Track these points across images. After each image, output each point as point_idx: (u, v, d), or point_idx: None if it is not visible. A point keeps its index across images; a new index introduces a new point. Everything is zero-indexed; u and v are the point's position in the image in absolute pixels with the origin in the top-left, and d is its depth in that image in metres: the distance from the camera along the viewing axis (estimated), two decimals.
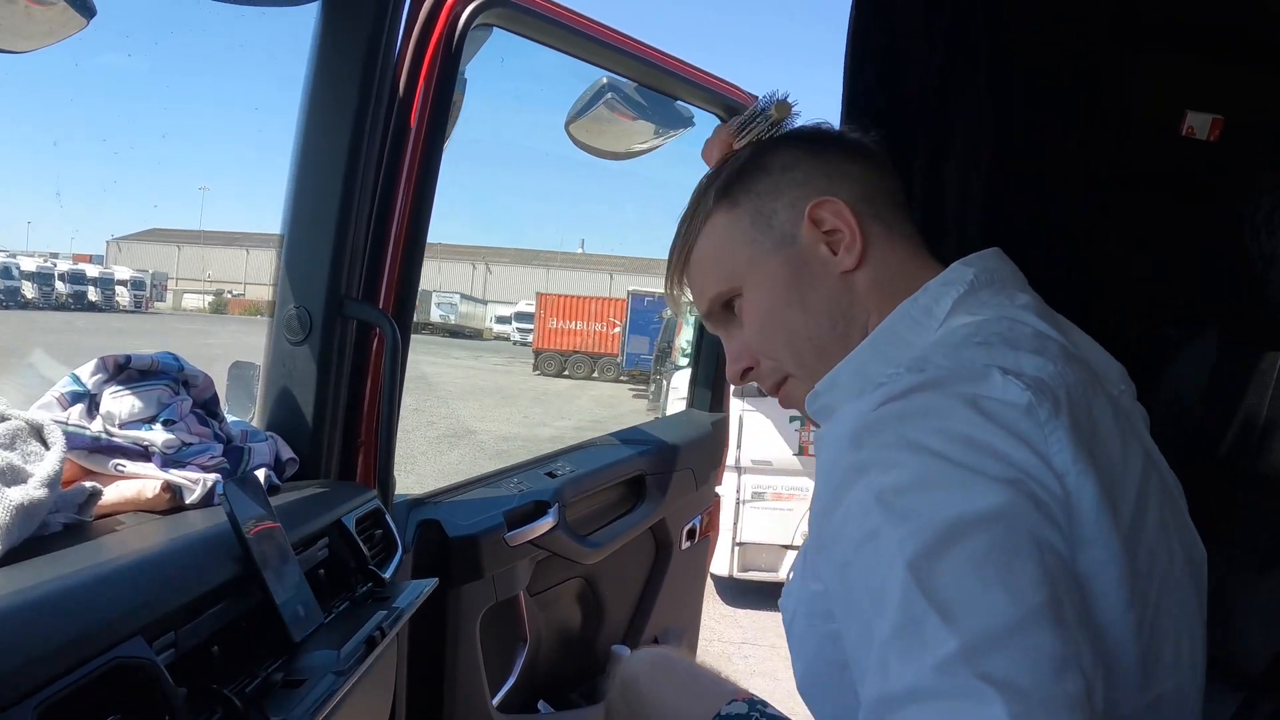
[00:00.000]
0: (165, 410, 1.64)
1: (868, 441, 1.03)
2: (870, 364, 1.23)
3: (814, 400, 1.29)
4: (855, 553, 0.97)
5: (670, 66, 2.78)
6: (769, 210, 1.29)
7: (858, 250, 1.26)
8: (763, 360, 1.34)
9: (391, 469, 2.04)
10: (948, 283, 1.24)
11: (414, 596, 1.64)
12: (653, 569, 3.19)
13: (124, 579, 1.16)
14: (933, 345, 1.18)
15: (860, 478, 0.99)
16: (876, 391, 1.09)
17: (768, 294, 1.30)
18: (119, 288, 59.78)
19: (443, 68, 2.05)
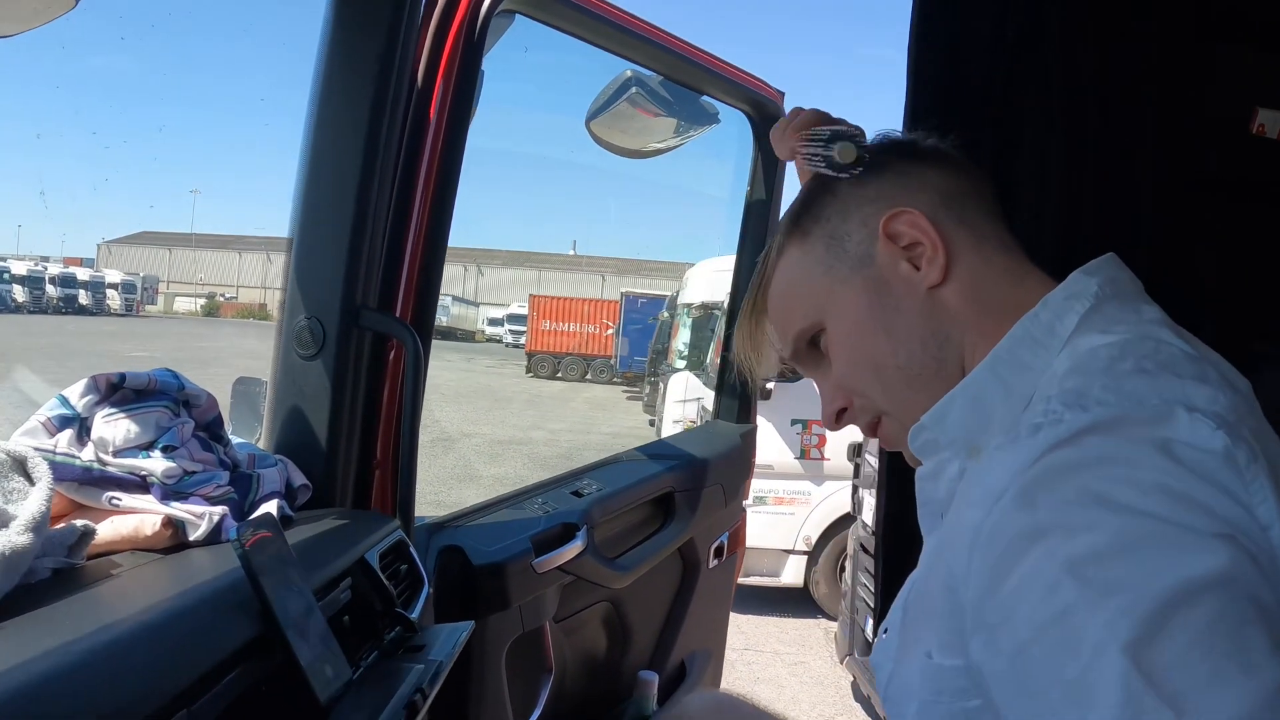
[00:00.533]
0: (165, 435, 1.48)
1: (1042, 499, 0.89)
2: (988, 394, 1.10)
3: (918, 434, 1.15)
4: (1039, 636, 0.83)
5: (697, 59, 2.67)
6: (841, 234, 1.20)
7: (941, 262, 1.15)
8: (855, 398, 1.22)
9: (412, 493, 1.87)
10: (1071, 295, 1.11)
11: (451, 646, 1.47)
12: (679, 589, 3.04)
13: (124, 651, 0.99)
14: (1076, 372, 1.02)
15: (1037, 544, 0.86)
16: (1035, 436, 0.94)
17: (850, 324, 1.19)
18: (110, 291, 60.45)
19: (464, 56, 1.90)
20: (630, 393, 29.76)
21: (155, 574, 1.32)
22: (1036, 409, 0.99)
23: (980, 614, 0.92)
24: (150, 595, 1.19)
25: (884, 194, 1.19)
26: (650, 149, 2.93)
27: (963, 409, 1.11)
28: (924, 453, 1.16)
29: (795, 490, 8.09)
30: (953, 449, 1.13)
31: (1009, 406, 1.08)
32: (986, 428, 1.09)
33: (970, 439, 1.11)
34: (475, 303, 65.08)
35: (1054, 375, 1.05)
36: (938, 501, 1.18)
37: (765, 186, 3.10)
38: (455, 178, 1.92)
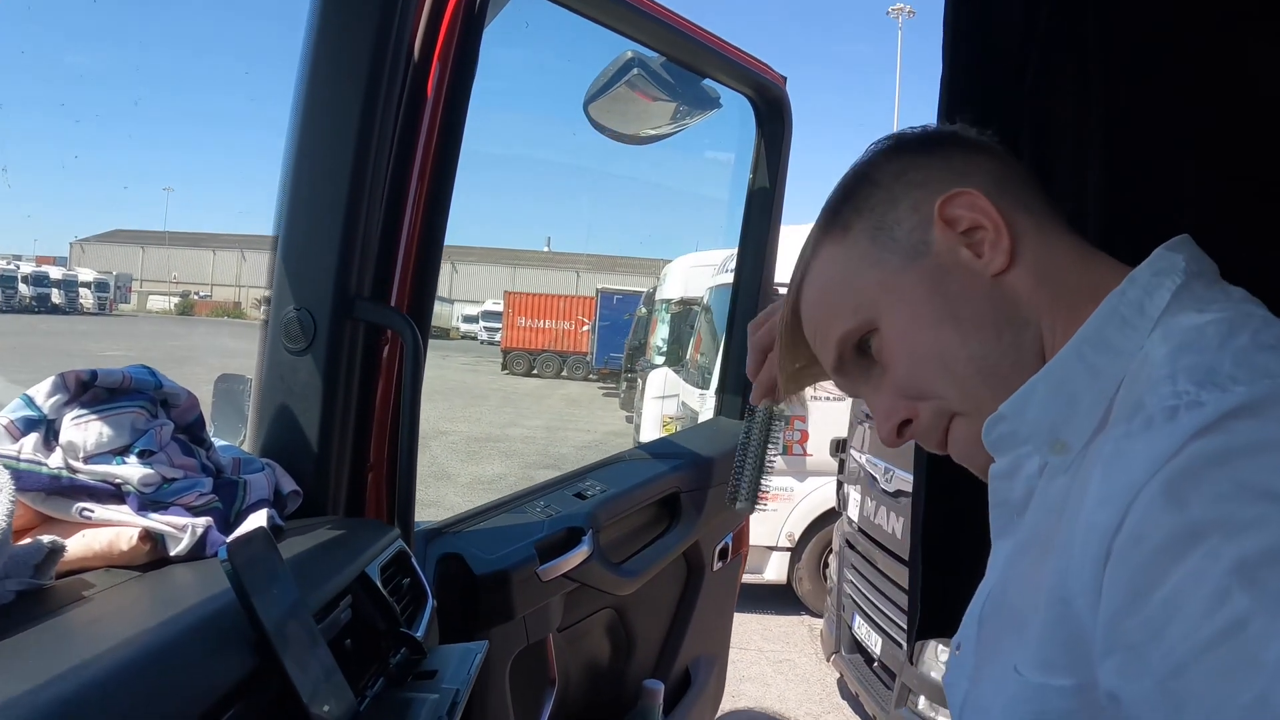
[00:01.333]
0: (141, 438, 1.35)
1: (1193, 495, 0.77)
2: (1073, 379, 0.98)
3: (994, 426, 1.03)
4: (1202, 655, 0.72)
5: (701, 38, 2.56)
6: (889, 223, 1.10)
7: (1006, 245, 1.05)
8: (921, 405, 1.09)
9: (412, 499, 1.76)
10: (1159, 272, 1.00)
11: (466, 671, 1.34)
12: (684, 594, 2.94)
13: (100, 699, 0.84)
14: (1189, 350, 0.90)
15: (1195, 547, 0.74)
16: (1172, 420, 0.82)
17: (910, 317, 1.07)
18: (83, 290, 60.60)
19: (464, 29, 1.78)
20: (607, 389, 29.82)
21: (133, 595, 1.19)
22: (1162, 392, 0.86)
23: (1117, 632, 0.79)
24: (128, 621, 1.05)
25: (934, 178, 1.09)
26: (648, 134, 2.82)
27: (1045, 397, 0.99)
28: (1000, 447, 1.04)
29: (778, 486, 8.02)
30: (1034, 442, 1.01)
31: (1096, 394, 0.97)
32: (1071, 418, 0.98)
33: (1053, 431, 0.99)
34: (450, 300, 65.27)
35: (1150, 357, 0.94)
36: (1014, 503, 1.06)
37: (769, 174, 2.99)
38: (454, 159, 1.81)
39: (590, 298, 36.15)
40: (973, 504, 1.75)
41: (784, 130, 2.93)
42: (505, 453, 16.00)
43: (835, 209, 1.14)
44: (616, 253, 74.76)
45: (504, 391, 29.70)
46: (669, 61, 2.54)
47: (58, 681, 0.83)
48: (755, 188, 3.05)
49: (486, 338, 49.67)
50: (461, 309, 60.58)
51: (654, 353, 14.14)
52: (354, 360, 1.69)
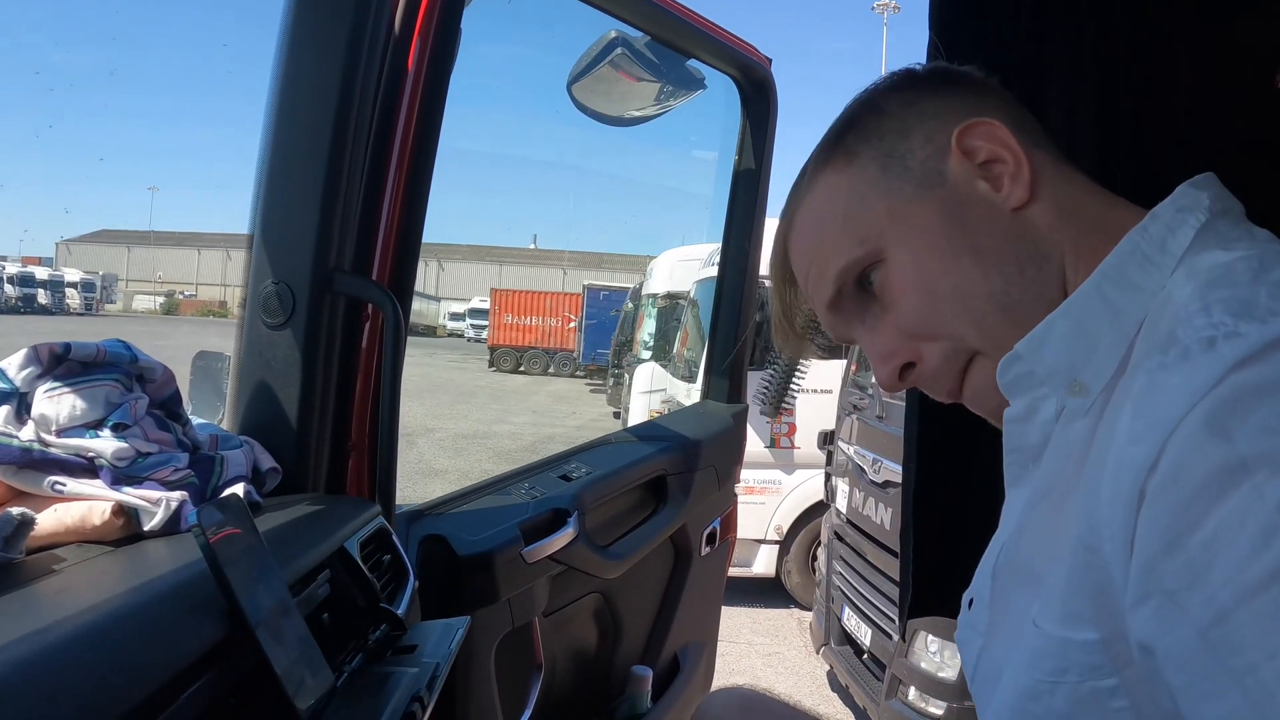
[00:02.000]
0: (115, 412, 1.32)
1: (1238, 427, 0.72)
2: (1093, 318, 0.95)
3: (1010, 366, 0.98)
4: (1248, 599, 0.68)
5: (685, 17, 2.53)
6: (900, 152, 1.04)
7: (1026, 179, 1.01)
8: (928, 346, 1.04)
9: (393, 477, 1.73)
10: (1183, 209, 0.97)
11: (447, 645, 1.31)
12: (671, 579, 2.91)
13: (63, 660, 0.81)
14: (1220, 285, 0.86)
15: (1240, 483, 0.70)
16: (1210, 351, 0.78)
17: (924, 250, 1.02)
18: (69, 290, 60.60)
19: (445, 3, 1.74)
20: (594, 385, 29.85)
21: (105, 569, 1.15)
22: (1197, 324, 0.82)
23: (1152, 578, 0.75)
24: (98, 593, 1.01)
25: (949, 108, 1.04)
26: (632, 115, 2.79)
27: (1064, 335, 0.95)
28: (1016, 388, 1.00)
29: (765, 479, 8.01)
30: (1051, 384, 0.97)
31: (1117, 333, 0.93)
32: (1090, 359, 0.94)
33: (1072, 372, 0.95)
34: (436, 298, 65.33)
35: (1174, 296, 0.89)
36: (1030, 448, 1.02)
37: (755, 155, 2.97)
38: (435, 134, 1.77)
39: (577, 294, 36.21)
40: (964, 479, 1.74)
41: (769, 111, 2.91)
42: (493, 449, 15.97)
43: (838, 137, 1.09)
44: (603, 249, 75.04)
45: (491, 388, 29.68)
46: (653, 41, 2.51)
47: (17, 644, 0.80)
48: (740, 169, 3.02)
49: (473, 335, 49.70)
50: (448, 306, 60.66)
51: (641, 348, 14.11)
52: (334, 335, 1.66)
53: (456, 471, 13.53)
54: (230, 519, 1.06)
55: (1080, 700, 0.86)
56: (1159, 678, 0.76)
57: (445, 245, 78.41)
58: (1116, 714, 0.84)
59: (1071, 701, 0.87)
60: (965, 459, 1.75)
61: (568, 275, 62.86)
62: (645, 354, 13.06)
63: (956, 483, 1.80)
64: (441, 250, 76.39)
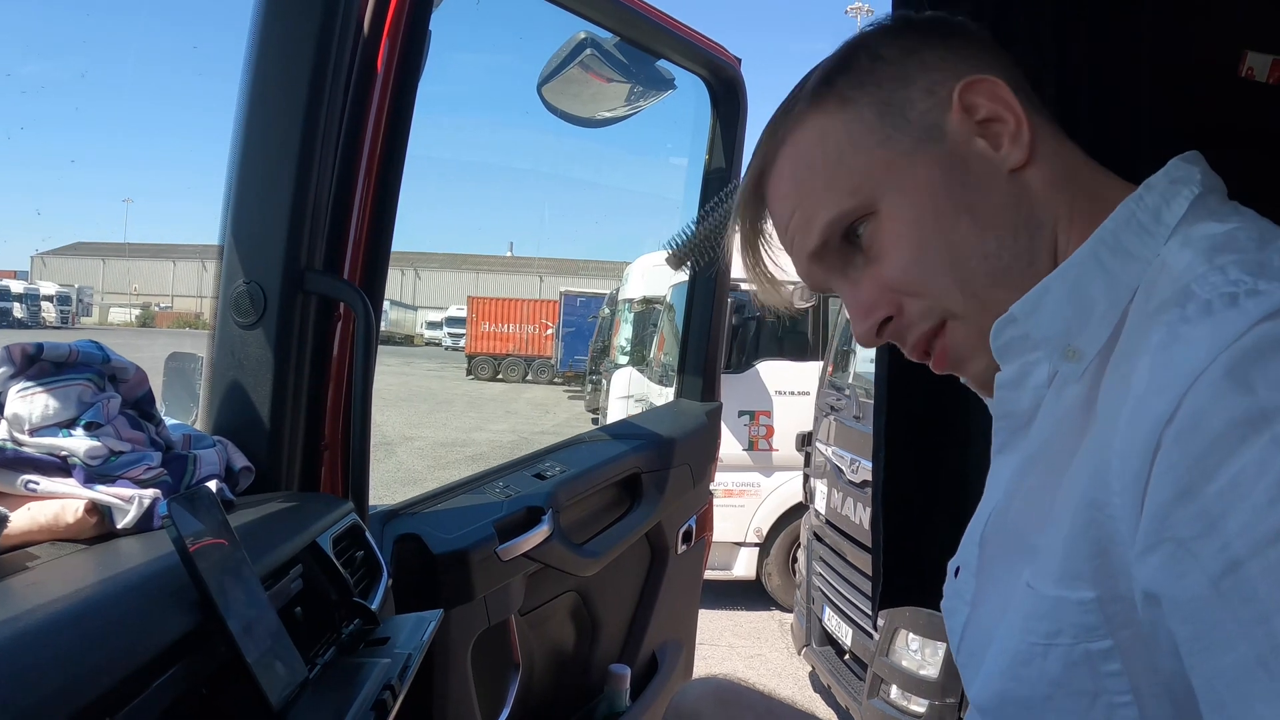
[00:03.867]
0: (88, 411, 1.32)
1: (1260, 379, 0.73)
2: (1089, 282, 0.94)
3: (1004, 329, 0.98)
4: (1265, 548, 0.69)
5: (654, 18, 2.54)
6: (899, 100, 1.01)
7: (1026, 139, 0.99)
8: (910, 301, 1.02)
9: (366, 475, 1.72)
10: (1176, 180, 0.97)
11: (419, 637, 1.31)
12: (648, 577, 2.92)
13: (37, 646, 0.82)
14: (1225, 250, 0.87)
15: (1260, 432, 0.70)
16: (1234, 306, 0.78)
17: (920, 203, 1.00)
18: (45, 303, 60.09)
19: (414, 3, 1.75)
20: (572, 392, 29.76)
21: (78, 566, 1.16)
22: (1213, 281, 0.82)
23: (1164, 525, 0.75)
24: (70, 586, 1.02)
25: (949, 62, 1.02)
26: (602, 116, 2.80)
27: (1059, 299, 0.95)
28: (1009, 352, 0.99)
29: (744, 482, 8.01)
30: (1045, 348, 0.97)
31: (1111, 300, 0.93)
32: (1085, 324, 0.94)
33: (1067, 336, 0.95)
34: (413, 306, 65.17)
35: (1169, 264, 0.90)
36: (1021, 413, 1.03)
37: (725, 154, 2.98)
38: (406, 131, 1.78)
39: (554, 301, 36.08)
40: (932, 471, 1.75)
41: (739, 110, 2.93)
42: (472, 457, 15.93)
43: (828, 79, 1.05)
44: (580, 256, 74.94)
45: (469, 396, 29.58)
46: (623, 42, 2.52)
47: None
48: (711, 169, 3.04)
49: (451, 344, 49.54)
50: (425, 315, 60.50)
51: (618, 353, 14.09)
52: (305, 334, 1.66)
53: (436, 481, 13.48)
54: (201, 512, 1.06)
55: (1073, 663, 0.86)
56: (1161, 630, 0.77)
57: (422, 254, 78.25)
58: (1109, 678, 0.84)
59: (1064, 665, 0.87)
60: (933, 451, 1.77)
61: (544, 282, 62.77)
62: (622, 359, 13.04)
63: (925, 474, 1.81)
64: (418, 259, 76.22)
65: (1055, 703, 0.89)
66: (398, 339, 55.24)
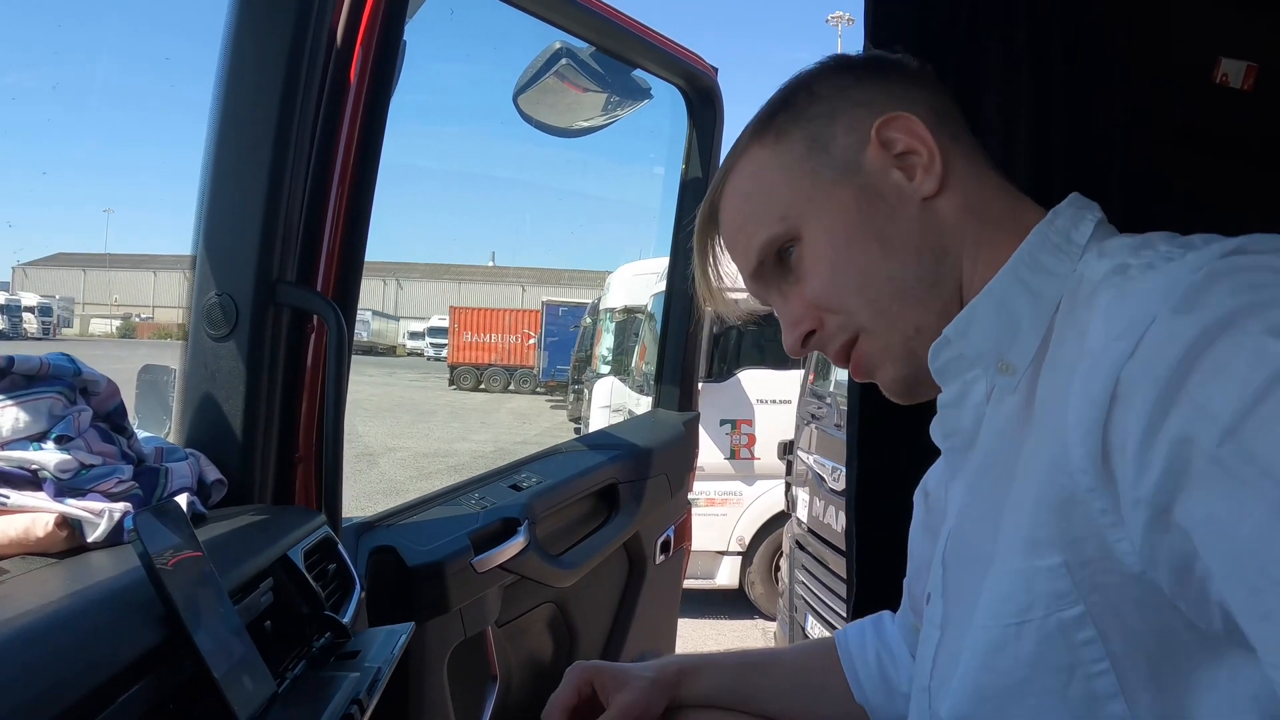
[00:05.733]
0: (59, 425, 1.31)
1: (1212, 294, 0.76)
2: (1013, 299, 1.01)
3: (940, 351, 1.05)
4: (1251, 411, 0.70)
5: (630, 28, 2.54)
6: (825, 137, 1.10)
7: (938, 171, 1.07)
8: (828, 317, 1.10)
9: (339, 487, 1.72)
10: (1081, 208, 1.06)
11: (390, 650, 1.31)
12: (626, 588, 2.91)
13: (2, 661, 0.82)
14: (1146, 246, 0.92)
15: (1222, 334, 0.73)
16: (1184, 257, 0.85)
17: (835, 230, 1.09)
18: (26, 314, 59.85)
19: (387, 13, 1.75)
20: (554, 402, 29.74)
21: (46, 580, 1.15)
22: (1145, 254, 0.89)
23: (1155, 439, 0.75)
24: (38, 601, 1.01)
25: (875, 99, 1.10)
26: (579, 126, 2.80)
27: (987, 317, 1.02)
28: (948, 372, 1.06)
29: (726, 491, 8.01)
30: (981, 365, 1.03)
31: (1037, 314, 1.00)
32: (1015, 339, 1.00)
33: (999, 352, 1.01)
34: (395, 317, 65.04)
35: (1087, 275, 0.96)
36: (964, 431, 1.08)
37: (701, 164, 2.99)
38: (379, 142, 1.77)
39: (536, 311, 36.09)
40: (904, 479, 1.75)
41: (716, 119, 2.93)
42: (454, 467, 15.90)
43: (771, 114, 1.14)
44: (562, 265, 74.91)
45: (452, 406, 29.53)
46: (598, 52, 2.52)
47: None
48: (688, 178, 3.03)
49: (433, 354, 49.44)
50: (407, 325, 60.37)
51: (599, 363, 14.09)
52: (278, 346, 1.66)
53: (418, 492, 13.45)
54: (169, 526, 1.06)
55: (1047, 637, 0.88)
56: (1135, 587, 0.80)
57: (404, 264, 78.15)
58: (1084, 647, 0.86)
59: (1039, 640, 0.89)
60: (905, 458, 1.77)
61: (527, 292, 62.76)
62: (604, 369, 13.03)
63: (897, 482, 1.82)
64: (400, 269, 76.09)
65: (1033, 684, 0.90)
66: (380, 349, 55.12)
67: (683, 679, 1.41)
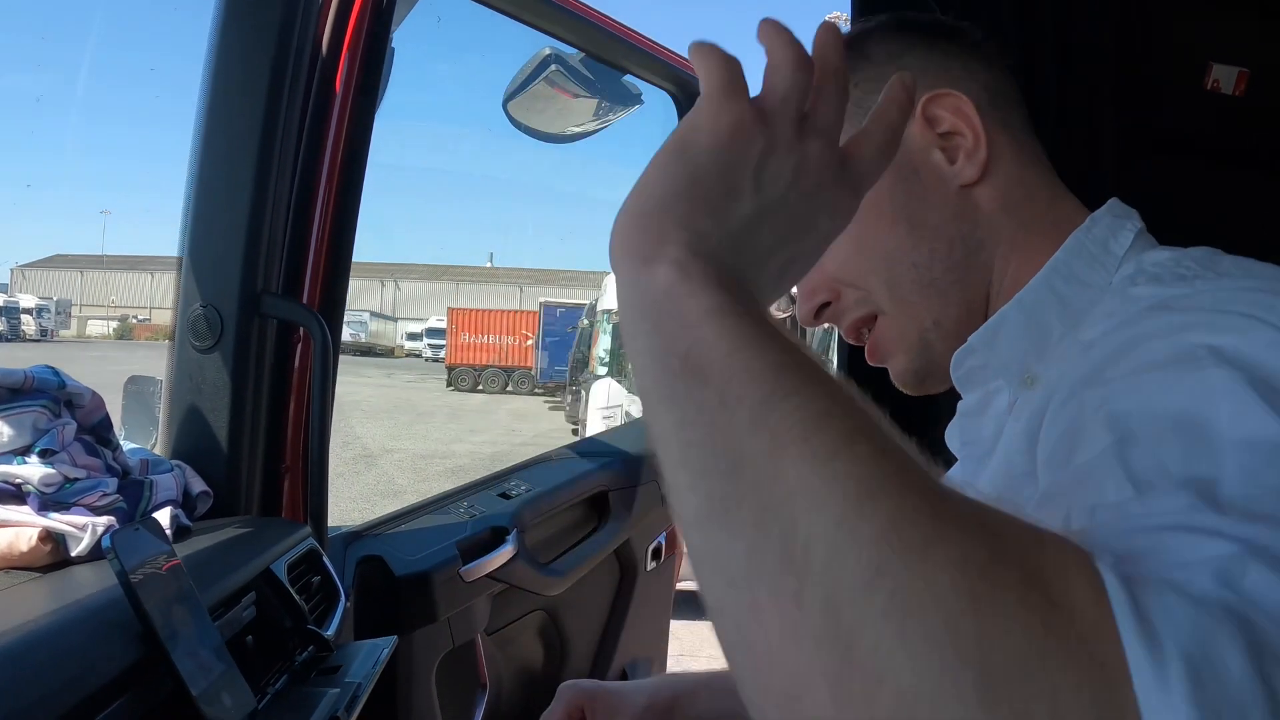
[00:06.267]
0: (43, 438, 1.31)
1: (1183, 309, 0.77)
2: (1044, 310, 0.97)
3: (964, 359, 1.01)
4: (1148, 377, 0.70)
5: (619, 33, 2.53)
6: (869, 105, 1.00)
7: (982, 158, 1.01)
8: (846, 290, 1.07)
9: (325, 499, 1.72)
10: (1120, 215, 1.01)
11: (371, 664, 1.31)
12: (617, 595, 2.90)
13: None
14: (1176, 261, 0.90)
15: (1176, 333, 0.72)
16: (1178, 282, 0.84)
17: (867, 206, 0.99)
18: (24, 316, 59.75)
19: (373, 22, 1.74)
20: (552, 403, 29.71)
21: (29, 595, 1.15)
22: (1167, 265, 0.88)
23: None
24: (18, 618, 1.01)
25: (928, 71, 1.03)
26: (570, 132, 2.80)
27: (1016, 328, 0.97)
28: (969, 382, 1.03)
29: None
30: (1005, 376, 1.00)
31: (1067, 325, 0.95)
32: (1044, 351, 0.96)
33: (1025, 365, 0.97)
34: (393, 318, 64.89)
35: (1120, 286, 0.93)
36: (984, 440, 1.05)
37: None
38: (364, 153, 1.77)
39: (534, 312, 36.03)
40: None
41: None
42: (452, 468, 15.90)
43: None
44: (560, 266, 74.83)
45: (449, 408, 29.49)
46: (588, 58, 2.52)
47: None
48: None
49: (431, 355, 49.30)
50: (405, 326, 60.23)
51: (597, 364, 14.10)
52: (263, 358, 1.66)
53: (416, 493, 13.45)
54: (148, 543, 1.06)
55: None
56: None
57: (402, 265, 78.03)
58: None
59: None
60: None
61: (524, 293, 62.67)
62: (601, 370, 13.06)
63: None
64: (398, 270, 75.96)
65: None
66: (378, 350, 54.98)
67: (677, 704, 1.39)
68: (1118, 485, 0.60)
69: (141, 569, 1.01)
